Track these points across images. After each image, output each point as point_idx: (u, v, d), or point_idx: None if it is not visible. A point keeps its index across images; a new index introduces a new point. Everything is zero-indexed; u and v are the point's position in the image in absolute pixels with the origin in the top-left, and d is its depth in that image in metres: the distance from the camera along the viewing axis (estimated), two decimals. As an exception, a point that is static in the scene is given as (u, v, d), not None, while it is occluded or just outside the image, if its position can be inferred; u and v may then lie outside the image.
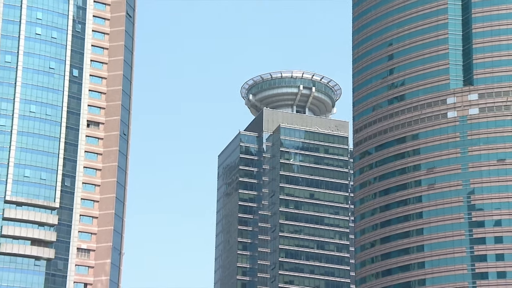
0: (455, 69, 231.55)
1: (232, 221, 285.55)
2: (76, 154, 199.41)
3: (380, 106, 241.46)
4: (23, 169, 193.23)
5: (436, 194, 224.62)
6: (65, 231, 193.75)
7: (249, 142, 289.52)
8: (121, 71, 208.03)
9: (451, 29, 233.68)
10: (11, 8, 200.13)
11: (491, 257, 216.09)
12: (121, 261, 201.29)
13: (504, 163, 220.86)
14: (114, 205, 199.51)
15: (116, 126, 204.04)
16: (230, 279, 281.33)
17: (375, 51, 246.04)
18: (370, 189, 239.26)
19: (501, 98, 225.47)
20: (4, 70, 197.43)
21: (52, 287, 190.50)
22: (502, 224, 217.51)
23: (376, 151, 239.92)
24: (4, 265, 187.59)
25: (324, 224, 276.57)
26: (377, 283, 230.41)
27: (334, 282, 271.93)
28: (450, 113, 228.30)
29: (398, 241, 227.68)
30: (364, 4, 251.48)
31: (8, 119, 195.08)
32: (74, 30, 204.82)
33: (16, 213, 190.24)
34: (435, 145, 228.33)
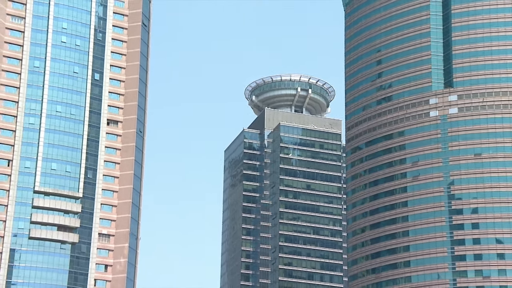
0: (437, 73, 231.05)
1: (237, 209, 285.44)
2: (97, 149, 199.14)
3: (369, 106, 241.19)
4: (50, 162, 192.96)
5: (419, 185, 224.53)
6: (87, 218, 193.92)
7: (252, 139, 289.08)
8: (137, 75, 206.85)
9: (433, 37, 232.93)
10: (39, 18, 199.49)
11: (469, 241, 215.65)
12: (137, 245, 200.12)
13: (481, 157, 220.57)
14: (131, 195, 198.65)
15: (133, 124, 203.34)
16: (235, 261, 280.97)
17: (365, 57, 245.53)
18: (360, 181, 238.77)
19: (478, 99, 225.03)
20: (33, 74, 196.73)
21: (76, 268, 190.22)
22: (478, 211, 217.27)
23: (366, 147, 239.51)
24: (33, 249, 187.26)
25: (319, 212, 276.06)
26: (367, 264, 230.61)
27: (328, 264, 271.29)
28: (432, 112, 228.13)
29: (386, 227, 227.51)
30: (355, 15, 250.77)
31: (37, 118, 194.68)
32: (96, 38, 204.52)
33: (44, 202, 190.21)
34: (418, 141, 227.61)
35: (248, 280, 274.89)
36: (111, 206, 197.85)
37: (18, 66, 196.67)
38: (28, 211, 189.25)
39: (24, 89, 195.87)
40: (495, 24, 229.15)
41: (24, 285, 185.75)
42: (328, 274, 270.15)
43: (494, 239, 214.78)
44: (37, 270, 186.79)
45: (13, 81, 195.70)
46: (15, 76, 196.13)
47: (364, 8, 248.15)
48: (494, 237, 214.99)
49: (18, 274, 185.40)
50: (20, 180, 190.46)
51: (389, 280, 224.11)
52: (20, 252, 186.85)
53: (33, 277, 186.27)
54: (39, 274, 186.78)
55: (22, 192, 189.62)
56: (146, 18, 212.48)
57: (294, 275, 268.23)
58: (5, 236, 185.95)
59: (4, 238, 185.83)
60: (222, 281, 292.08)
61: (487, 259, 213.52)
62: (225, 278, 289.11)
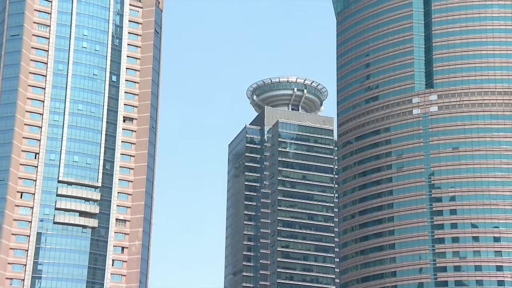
0: (419, 75, 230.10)
1: (240, 197, 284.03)
2: (114, 144, 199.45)
3: (359, 105, 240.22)
4: (73, 155, 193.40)
5: (403, 176, 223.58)
6: (106, 205, 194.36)
7: (253, 134, 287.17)
8: (150, 77, 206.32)
9: (416, 43, 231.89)
10: (63, 26, 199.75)
11: (447, 225, 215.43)
12: (150, 229, 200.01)
13: (458, 151, 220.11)
14: (145, 184, 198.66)
15: (146, 121, 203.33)
16: (238, 244, 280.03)
17: (354, 61, 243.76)
18: (350, 172, 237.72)
19: (455, 98, 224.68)
20: (57, 76, 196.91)
21: (96, 249, 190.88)
22: (456, 199, 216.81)
23: (355, 141, 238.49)
24: (58, 232, 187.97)
25: (313, 200, 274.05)
26: (356, 247, 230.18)
27: (322, 246, 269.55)
28: (415, 110, 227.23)
29: (373, 213, 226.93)
30: (346, 23, 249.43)
31: (60, 116, 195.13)
32: (113, 44, 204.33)
33: (67, 190, 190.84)
34: (402, 136, 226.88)
35: (250, 261, 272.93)
36: (127, 194, 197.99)
37: (43, 69, 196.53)
38: (53, 198, 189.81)
39: (49, 89, 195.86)
40: (472, 31, 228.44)
41: (49, 265, 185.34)
42: (321, 256, 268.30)
43: (470, 223, 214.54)
44: (61, 252, 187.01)
45: (39, 82, 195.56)
46: (41, 78, 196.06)
47: (353, 17, 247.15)
48: (470, 222, 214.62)
49: (44, 255, 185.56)
50: (45, 171, 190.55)
51: (376, 260, 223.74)
52: (46, 235, 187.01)
53: (58, 258, 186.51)
54: (63, 255, 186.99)
55: (47, 182, 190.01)
56: (158, 26, 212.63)
57: (291, 257, 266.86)
58: (32, 221, 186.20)
59: (31, 223, 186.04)
60: (226, 261, 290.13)
61: (463, 241, 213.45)
62: (229, 259, 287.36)
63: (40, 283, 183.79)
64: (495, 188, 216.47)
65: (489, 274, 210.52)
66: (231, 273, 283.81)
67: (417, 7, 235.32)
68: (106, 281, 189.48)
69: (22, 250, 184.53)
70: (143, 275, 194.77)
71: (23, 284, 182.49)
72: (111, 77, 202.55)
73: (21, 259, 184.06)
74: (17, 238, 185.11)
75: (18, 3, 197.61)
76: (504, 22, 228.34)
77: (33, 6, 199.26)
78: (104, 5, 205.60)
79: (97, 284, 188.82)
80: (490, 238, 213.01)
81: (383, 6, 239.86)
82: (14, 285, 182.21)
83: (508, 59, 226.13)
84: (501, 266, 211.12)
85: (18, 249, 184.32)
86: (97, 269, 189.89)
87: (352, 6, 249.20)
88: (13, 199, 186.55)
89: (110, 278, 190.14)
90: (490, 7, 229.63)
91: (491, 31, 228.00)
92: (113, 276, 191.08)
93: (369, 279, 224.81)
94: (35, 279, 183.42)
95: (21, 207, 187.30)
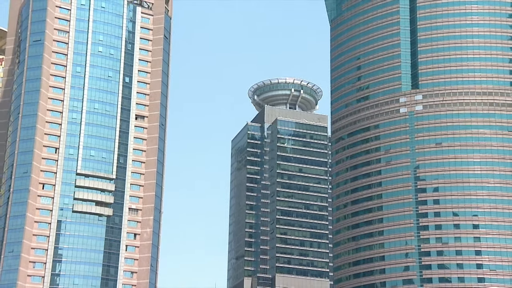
0: (405, 77, 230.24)
1: (242, 189, 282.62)
2: (127, 139, 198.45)
3: (350, 104, 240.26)
4: (89, 150, 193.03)
5: (391, 169, 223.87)
6: (120, 196, 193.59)
7: (254, 131, 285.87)
8: (160, 78, 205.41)
9: (402, 48, 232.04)
10: (80, 32, 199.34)
11: (431, 214, 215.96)
12: (160, 218, 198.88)
13: (441, 146, 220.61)
14: (155, 176, 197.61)
15: (156, 118, 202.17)
16: (240, 231, 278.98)
17: (347, 63, 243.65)
18: (343, 165, 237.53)
19: (439, 98, 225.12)
20: (75, 78, 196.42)
21: (111, 236, 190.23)
22: (439, 190, 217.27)
23: (348, 137, 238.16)
24: (76, 220, 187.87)
25: (309, 191, 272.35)
26: (348, 234, 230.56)
27: (317, 233, 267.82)
28: (401, 109, 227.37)
29: (364, 203, 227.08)
30: (339, 29, 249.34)
31: (78, 114, 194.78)
32: (126, 48, 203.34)
33: (85, 182, 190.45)
34: (390, 133, 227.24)
35: (251, 247, 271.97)
36: (139, 185, 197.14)
37: (63, 71, 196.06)
38: (72, 189, 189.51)
39: (68, 90, 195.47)
40: (453, 37, 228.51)
41: (69, 250, 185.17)
42: (316, 242, 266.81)
43: (451, 212, 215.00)
44: (79, 238, 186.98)
45: (59, 83, 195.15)
46: (61, 79, 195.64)
47: (346, 24, 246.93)
48: (452, 211, 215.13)
49: (64, 241, 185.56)
50: (65, 164, 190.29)
51: (366, 246, 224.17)
52: (65, 223, 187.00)
53: (76, 243, 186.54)
54: (81, 241, 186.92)
55: (66, 174, 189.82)
56: (167, 32, 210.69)
57: (288, 242, 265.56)
58: (53, 210, 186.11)
59: (52, 211, 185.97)
60: (229, 247, 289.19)
61: (446, 228, 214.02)
62: (232, 245, 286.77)
63: (60, 266, 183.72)
64: (475, 180, 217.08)
65: (469, 258, 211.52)
66: (234, 257, 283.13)
67: (403, 14, 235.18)
68: (120, 264, 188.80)
69: (44, 236, 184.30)
70: (154, 259, 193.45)
71: (45, 267, 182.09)
72: (125, 78, 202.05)
73: (43, 245, 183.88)
74: (40, 225, 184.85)
75: (40, 12, 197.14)
76: (482, 29, 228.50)
77: (54, 14, 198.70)
78: (118, 13, 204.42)
79: (112, 267, 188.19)
80: (469, 226, 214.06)
81: (373, 14, 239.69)
82: (37, 268, 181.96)
83: (486, 62, 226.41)
84: (480, 251, 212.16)
85: (40, 235, 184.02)
86: (112, 254, 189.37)
87: (344, 14, 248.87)
88: (36, 190, 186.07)
89: (123, 262, 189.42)
90: (470, 15, 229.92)
91: (471, 37, 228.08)
92: (127, 260, 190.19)
93: (360, 263, 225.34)
94: (55, 263, 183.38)
95: (43, 197, 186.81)
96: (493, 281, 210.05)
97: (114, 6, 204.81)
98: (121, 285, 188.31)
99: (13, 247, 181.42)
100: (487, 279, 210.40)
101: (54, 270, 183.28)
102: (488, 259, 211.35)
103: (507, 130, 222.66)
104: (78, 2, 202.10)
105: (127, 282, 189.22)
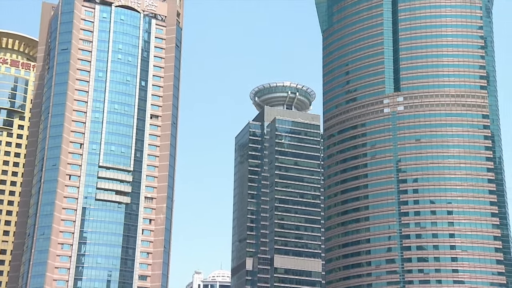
0: (388, 81, 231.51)
1: (244, 180, 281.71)
2: (143, 136, 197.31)
3: (340, 104, 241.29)
4: (110, 145, 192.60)
5: (376, 162, 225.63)
6: (137, 186, 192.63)
7: (255, 128, 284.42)
8: (171, 82, 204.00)
9: (386, 55, 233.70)
10: (102, 42, 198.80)
11: (411, 202, 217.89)
12: (172, 205, 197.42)
13: (420, 142, 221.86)
14: (168, 169, 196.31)
15: (168, 118, 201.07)
16: (243, 217, 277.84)
17: (337, 69, 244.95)
18: (334, 159, 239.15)
19: (418, 100, 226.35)
20: (98, 82, 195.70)
21: (129, 221, 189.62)
22: (418, 181, 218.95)
23: (338, 134, 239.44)
24: (99, 207, 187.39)
25: (304, 181, 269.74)
26: (338, 220, 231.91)
27: (310, 219, 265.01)
28: (385, 109, 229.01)
29: (352, 192, 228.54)
30: (330, 39, 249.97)
31: (100, 114, 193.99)
32: (142, 56, 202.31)
33: (106, 174, 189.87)
34: (375, 130, 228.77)
35: (252, 231, 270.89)
36: (154, 177, 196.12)
37: (87, 76, 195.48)
38: (95, 180, 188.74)
39: (91, 92, 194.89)
40: (430, 46, 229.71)
41: (92, 233, 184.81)
42: (310, 226, 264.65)
43: (429, 200, 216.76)
44: (101, 223, 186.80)
45: (84, 87, 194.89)
46: (85, 83, 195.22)
47: (336, 34, 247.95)
48: (429, 199, 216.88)
49: (88, 225, 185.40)
50: (89, 158, 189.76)
51: (354, 230, 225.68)
52: (89, 209, 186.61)
53: (99, 227, 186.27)
54: (103, 225, 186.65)
55: (90, 167, 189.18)
56: (178, 41, 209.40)
57: (285, 227, 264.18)
58: (78, 198, 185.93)
59: (78, 199, 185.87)
60: (233, 231, 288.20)
61: (424, 215, 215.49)
62: (235, 229, 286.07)
63: (85, 247, 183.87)
64: (449, 172, 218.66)
65: (443, 241, 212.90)
66: (237, 240, 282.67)
67: (386, 26, 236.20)
68: (137, 246, 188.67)
69: (71, 221, 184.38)
70: (167, 241, 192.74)
71: (72, 248, 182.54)
72: (141, 82, 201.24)
73: (70, 228, 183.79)
74: (67, 211, 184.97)
75: (67, 24, 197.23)
76: (455, 39, 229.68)
77: (79, 26, 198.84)
78: (135, 25, 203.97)
79: (130, 248, 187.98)
80: (444, 212, 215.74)
81: (360, 25, 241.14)
82: (65, 249, 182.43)
83: (459, 68, 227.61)
84: (453, 234, 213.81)
85: (67, 220, 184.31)
86: (130, 237, 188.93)
87: (335, 25, 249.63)
88: (63, 181, 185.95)
89: (140, 244, 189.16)
90: (445, 27, 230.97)
91: (446, 46, 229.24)
92: (143, 242, 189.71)
93: (348, 245, 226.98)
94: (81, 244, 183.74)
95: (69, 187, 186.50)
96: (464, 260, 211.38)
97: (132, 19, 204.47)
98: (138, 264, 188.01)
99: (44, 231, 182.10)
100: (459, 258, 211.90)
101: (80, 251, 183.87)
102: (460, 241, 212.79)
103: (477, 128, 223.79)
104: (101, 15, 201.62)
105: (143, 261, 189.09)
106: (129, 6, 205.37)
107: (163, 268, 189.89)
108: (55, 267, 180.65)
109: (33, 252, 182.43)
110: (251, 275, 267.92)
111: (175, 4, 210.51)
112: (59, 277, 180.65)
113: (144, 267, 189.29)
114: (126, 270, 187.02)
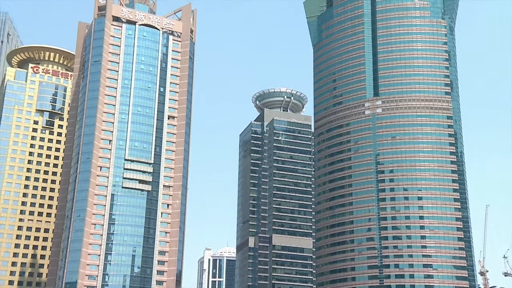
0: (369, 87, 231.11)
1: (247, 171, 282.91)
2: (162, 134, 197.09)
3: (329, 107, 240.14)
4: (134, 142, 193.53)
5: (358, 156, 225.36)
6: (156, 176, 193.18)
7: (256, 128, 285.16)
8: (186, 88, 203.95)
9: (367, 66, 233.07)
10: (128, 54, 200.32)
11: (387, 189, 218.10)
12: (186, 192, 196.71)
13: (395, 139, 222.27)
14: (182, 162, 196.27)
15: (183, 118, 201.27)
16: (246, 202, 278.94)
17: (326, 77, 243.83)
18: (323, 154, 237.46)
19: (394, 103, 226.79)
20: (124, 88, 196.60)
21: (150, 206, 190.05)
22: (393, 171, 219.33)
23: (326, 132, 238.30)
24: (125, 194, 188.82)
25: (297, 172, 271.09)
26: (326, 205, 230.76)
27: (303, 204, 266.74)
28: (366, 111, 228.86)
29: (338, 181, 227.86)
30: (320, 51, 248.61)
31: (125, 115, 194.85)
32: (161, 66, 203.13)
33: (131, 165, 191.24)
34: (358, 129, 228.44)
35: (254, 214, 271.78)
36: (171, 168, 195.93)
37: (115, 83, 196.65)
38: (121, 171, 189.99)
39: (118, 97, 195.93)
40: (404, 58, 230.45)
41: (119, 215, 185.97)
42: (302, 210, 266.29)
43: (402, 188, 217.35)
44: (127, 207, 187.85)
45: (112, 93, 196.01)
46: (113, 89, 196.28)
47: (325, 48, 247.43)
48: (402, 187, 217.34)
49: (116, 209, 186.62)
50: (116, 152, 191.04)
51: (340, 213, 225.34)
52: (117, 196, 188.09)
53: (125, 211, 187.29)
54: (128, 209, 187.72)
55: (118, 160, 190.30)
56: (192, 54, 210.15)
57: (282, 211, 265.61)
58: (108, 186, 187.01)
59: (107, 187, 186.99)
60: (238, 214, 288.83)
61: (398, 200, 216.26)
62: (240, 213, 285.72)
63: (113, 227, 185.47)
64: (420, 164, 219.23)
65: (414, 222, 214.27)
66: (241, 222, 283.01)
67: (367, 41, 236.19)
68: (157, 226, 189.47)
69: (101, 205, 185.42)
70: (182, 222, 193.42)
71: (103, 228, 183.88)
72: (160, 88, 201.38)
73: (101, 211, 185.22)
74: (98, 197, 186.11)
75: (99, 40, 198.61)
76: (425, 53, 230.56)
77: (109, 41, 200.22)
78: (155, 40, 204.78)
79: (151, 228, 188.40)
80: (415, 197, 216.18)
81: (345, 40, 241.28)
82: (97, 228, 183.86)
83: (428, 77, 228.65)
84: (423, 216, 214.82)
85: (99, 205, 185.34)
86: (151, 219, 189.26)
87: (324, 40, 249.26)
88: (95, 171, 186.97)
89: (159, 225, 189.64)
90: (416, 42, 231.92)
91: (417, 58, 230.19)
92: (162, 223, 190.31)
93: (335, 226, 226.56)
94: (110, 225, 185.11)
95: (100, 176, 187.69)
96: (431, 238, 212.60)
97: (153, 35, 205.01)
98: (158, 242, 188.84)
99: (79, 213, 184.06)
100: (427, 236, 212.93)
101: (109, 230, 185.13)
102: (428, 222, 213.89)
103: (443, 127, 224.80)
104: (127, 32, 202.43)
105: (162, 239, 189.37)
106: (150, 24, 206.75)
107: (178, 245, 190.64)
108: (89, 243, 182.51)
109: (71, 231, 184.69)
110: (253, 251, 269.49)
111: (189, 22, 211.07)
112: (92, 252, 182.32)
113: (163, 244, 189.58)
114: (148, 246, 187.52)
